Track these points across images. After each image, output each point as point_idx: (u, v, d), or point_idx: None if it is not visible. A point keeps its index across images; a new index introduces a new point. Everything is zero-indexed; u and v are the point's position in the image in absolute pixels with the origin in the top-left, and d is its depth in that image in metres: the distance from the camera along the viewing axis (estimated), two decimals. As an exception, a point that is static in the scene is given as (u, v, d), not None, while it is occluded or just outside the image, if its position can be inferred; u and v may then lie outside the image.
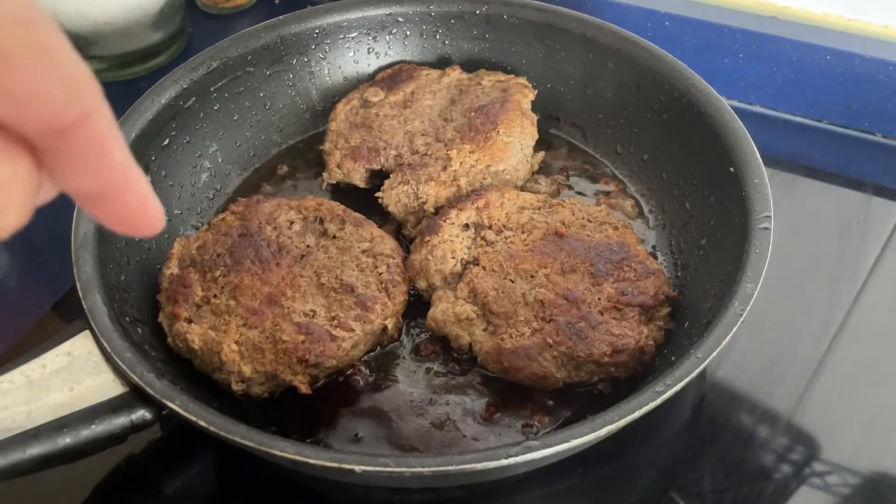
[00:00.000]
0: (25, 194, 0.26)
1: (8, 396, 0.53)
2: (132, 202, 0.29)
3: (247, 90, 0.81)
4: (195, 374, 0.63)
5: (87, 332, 0.57)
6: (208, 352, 0.61)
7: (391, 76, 0.84)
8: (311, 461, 0.49)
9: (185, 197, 0.76)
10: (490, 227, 0.70)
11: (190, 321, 0.63)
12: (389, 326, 0.65)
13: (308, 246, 0.68)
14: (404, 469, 0.49)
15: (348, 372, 0.64)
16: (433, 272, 0.67)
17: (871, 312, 0.73)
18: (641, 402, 0.52)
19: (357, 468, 0.49)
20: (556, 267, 0.66)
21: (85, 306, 0.58)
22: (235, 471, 0.63)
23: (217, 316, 0.63)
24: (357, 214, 0.71)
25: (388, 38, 0.87)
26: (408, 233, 0.75)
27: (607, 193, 0.80)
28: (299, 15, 0.83)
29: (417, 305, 0.68)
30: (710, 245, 0.69)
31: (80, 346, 0.57)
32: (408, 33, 0.87)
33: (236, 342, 0.61)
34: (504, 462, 0.49)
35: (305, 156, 0.85)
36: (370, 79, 0.86)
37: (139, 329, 0.62)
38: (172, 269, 0.67)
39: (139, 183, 0.29)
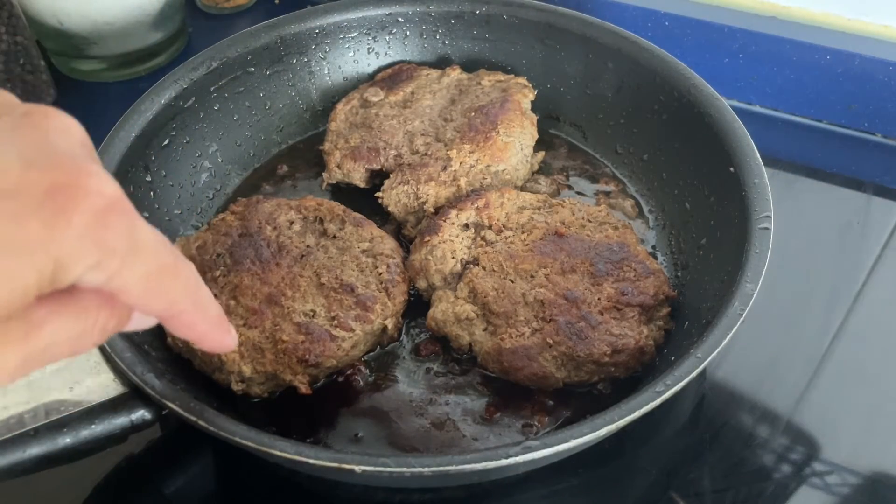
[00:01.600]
0: (103, 335, 0.35)
1: (8, 396, 0.53)
2: (212, 343, 0.41)
3: (247, 90, 0.81)
4: (195, 374, 0.63)
5: (87, 332, 0.57)
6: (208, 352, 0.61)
7: (391, 76, 0.84)
8: (311, 461, 0.49)
9: (185, 197, 0.76)
10: (490, 227, 0.70)
11: (190, 321, 0.63)
12: (389, 326, 0.65)
13: (308, 246, 0.68)
14: (404, 469, 0.49)
15: (348, 372, 0.64)
16: (433, 272, 0.67)
17: (871, 312, 0.73)
18: (641, 402, 0.52)
19: (357, 468, 0.49)
20: (556, 267, 0.66)
21: (85, 306, 0.58)
22: (235, 471, 0.63)
23: (217, 316, 0.63)
24: (357, 214, 0.71)
25: (388, 38, 0.87)
26: (408, 233, 0.75)
27: (607, 193, 0.80)
28: (299, 15, 0.83)
29: (417, 305, 0.68)
30: (710, 245, 0.69)
31: (80, 346, 0.57)
32: (408, 33, 0.87)
33: (236, 342, 0.61)
34: (504, 462, 0.49)
35: (305, 156, 0.85)
36: (370, 79, 0.87)
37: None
38: (172, 269, 0.67)
39: (218, 332, 0.40)
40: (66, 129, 0.32)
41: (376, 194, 0.75)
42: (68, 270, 0.30)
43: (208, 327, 0.39)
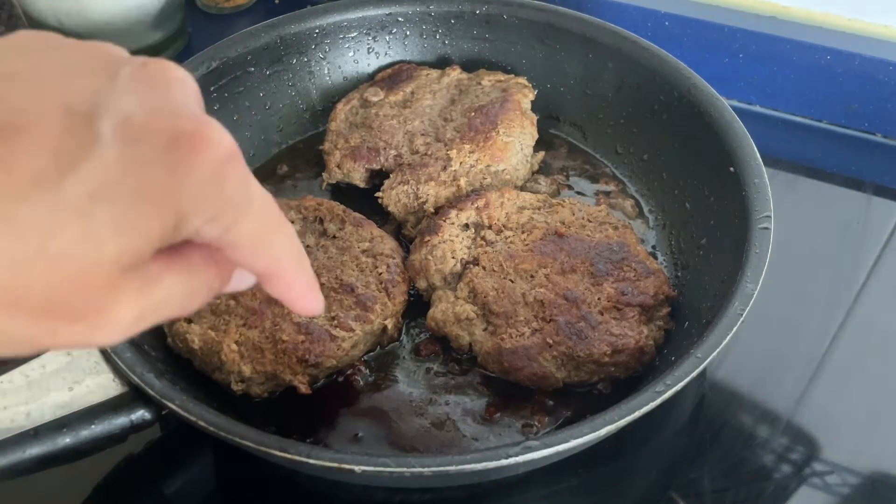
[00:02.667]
0: (209, 294, 0.35)
1: (8, 396, 0.53)
2: (304, 305, 0.39)
3: (247, 90, 0.81)
4: (195, 374, 0.63)
5: (87, 332, 0.57)
6: (208, 352, 0.61)
7: (391, 76, 0.84)
8: (311, 461, 0.49)
9: (185, 197, 0.76)
10: (490, 227, 0.70)
11: (190, 321, 0.63)
12: (389, 326, 0.65)
13: (308, 246, 0.68)
14: (404, 469, 0.49)
15: (348, 372, 0.64)
16: (433, 272, 0.67)
17: (871, 312, 0.73)
18: (641, 402, 0.52)
19: (357, 468, 0.49)
20: (556, 267, 0.66)
21: (85, 306, 0.58)
22: (235, 471, 0.63)
23: (217, 316, 0.63)
24: (357, 214, 0.71)
25: (387, 37, 0.87)
26: (408, 233, 0.75)
27: (607, 193, 0.80)
28: (299, 15, 0.83)
29: (417, 305, 0.68)
30: (710, 245, 0.69)
31: (80, 346, 0.57)
32: (408, 33, 0.87)
33: (236, 342, 0.61)
34: (504, 462, 0.49)
35: (305, 156, 0.85)
36: (370, 79, 0.86)
37: (139, 329, 0.62)
38: (172, 269, 0.67)
39: (311, 295, 0.39)
40: (182, 81, 0.32)
41: (376, 194, 0.75)
42: (189, 221, 0.30)
43: (305, 289, 0.38)
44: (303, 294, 0.39)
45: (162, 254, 0.31)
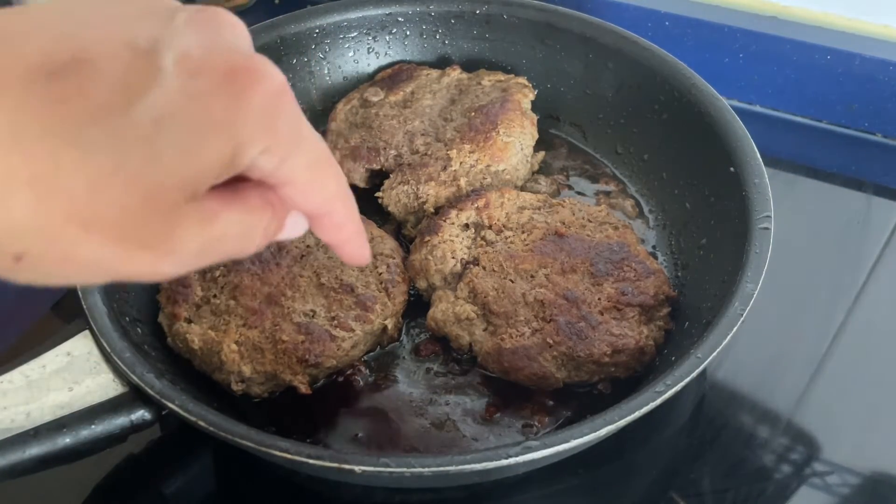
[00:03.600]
0: (265, 236, 0.36)
1: (8, 396, 0.53)
2: (352, 251, 0.42)
3: (247, 90, 0.81)
4: (195, 374, 0.63)
5: (86, 332, 0.57)
6: (208, 352, 0.61)
7: (391, 76, 0.84)
8: (311, 461, 0.49)
9: (185, 197, 0.76)
10: (490, 227, 0.70)
11: (190, 321, 0.63)
12: (389, 326, 0.65)
13: (308, 246, 0.68)
14: (404, 469, 0.49)
15: (348, 372, 0.64)
16: (433, 272, 0.67)
17: (871, 312, 0.73)
18: (641, 402, 0.52)
19: (357, 468, 0.49)
20: (556, 267, 0.66)
21: (84, 306, 0.58)
22: (235, 471, 0.63)
23: (217, 316, 0.63)
24: (357, 214, 0.71)
25: (387, 37, 0.87)
26: (408, 233, 0.75)
27: (607, 193, 0.80)
28: (299, 15, 0.83)
29: (417, 305, 0.68)
30: (710, 245, 0.69)
31: (80, 346, 0.57)
32: (408, 33, 0.87)
33: (236, 342, 0.61)
34: (504, 462, 0.49)
35: (305, 156, 0.85)
36: (370, 79, 0.86)
37: (139, 329, 0.62)
38: (172, 269, 0.67)
39: (359, 240, 0.41)
40: (235, 25, 0.34)
41: (376, 194, 0.75)
42: (245, 152, 0.31)
43: (354, 233, 0.40)
44: (351, 238, 0.40)
45: (220, 191, 0.32)
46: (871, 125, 0.91)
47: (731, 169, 0.67)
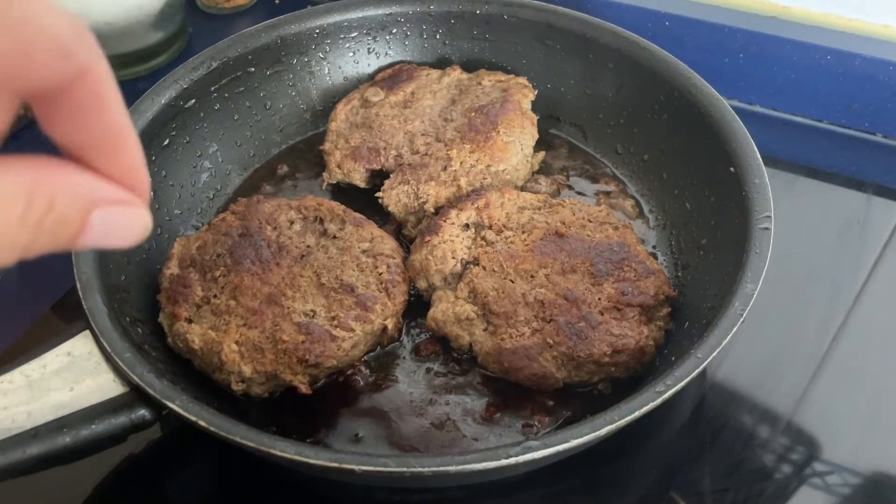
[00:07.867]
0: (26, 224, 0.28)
1: (8, 396, 0.53)
2: (126, 161, 0.32)
3: (247, 90, 0.81)
4: (195, 374, 0.63)
5: (87, 333, 0.57)
6: (208, 352, 0.61)
7: (391, 76, 0.84)
8: (311, 461, 0.49)
9: (185, 197, 0.76)
10: (490, 227, 0.70)
11: (190, 321, 0.63)
12: (389, 326, 0.65)
13: (308, 246, 0.68)
14: (404, 469, 0.49)
15: (348, 372, 0.64)
16: (433, 272, 0.67)
17: (871, 312, 0.73)
18: (641, 402, 0.52)
19: (357, 468, 0.49)
20: (557, 267, 0.66)
21: (85, 306, 0.58)
22: (235, 471, 0.63)
23: (217, 316, 0.63)
24: (357, 214, 0.71)
25: (388, 38, 0.87)
26: (408, 233, 0.75)
27: (607, 193, 0.80)
28: (299, 15, 0.83)
29: (417, 305, 0.68)
30: (710, 245, 0.69)
31: (80, 347, 0.57)
32: (408, 33, 0.87)
33: (236, 342, 0.61)
34: (504, 462, 0.49)
35: (305, 156, 0.85)
36: (370, 79, 0.86)
37: (139, 329, 0.62)
38: (172, 269, 0.67)
39: (134, 143, 0.31)
40: None
41: (376, 194, 0.75)
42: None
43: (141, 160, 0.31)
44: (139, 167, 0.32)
45: None
46: (871, 125, 0.91)
47: (732, 169, 0.67)
